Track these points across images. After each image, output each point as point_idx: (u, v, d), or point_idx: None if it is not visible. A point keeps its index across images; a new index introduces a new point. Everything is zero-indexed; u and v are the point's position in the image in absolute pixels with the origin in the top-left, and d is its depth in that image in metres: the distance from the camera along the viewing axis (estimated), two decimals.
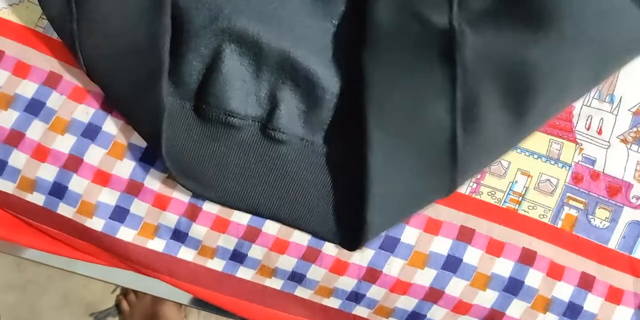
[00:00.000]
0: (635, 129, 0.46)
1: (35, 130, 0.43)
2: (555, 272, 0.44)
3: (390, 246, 0.43)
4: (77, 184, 0.43)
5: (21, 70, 0.43)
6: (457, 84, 0.39)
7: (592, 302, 0.44)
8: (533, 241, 0.44)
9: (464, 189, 0.45)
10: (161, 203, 0.43)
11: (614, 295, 0.44)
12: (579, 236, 0.45)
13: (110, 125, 0.43)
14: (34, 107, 0.43)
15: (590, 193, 0.45)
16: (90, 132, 0.43)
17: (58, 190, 0.43)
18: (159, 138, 0.39)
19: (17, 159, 0.43)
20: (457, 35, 0.39)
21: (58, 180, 0.43)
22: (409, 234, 0.44)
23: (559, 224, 0.45)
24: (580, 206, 0.45)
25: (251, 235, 0.43)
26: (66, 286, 1.09)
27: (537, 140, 0.46)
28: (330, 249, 0.43)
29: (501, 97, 0.40)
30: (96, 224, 0.43)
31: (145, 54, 0.40)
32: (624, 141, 0.46)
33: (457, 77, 0.39)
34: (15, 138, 0.43)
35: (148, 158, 0.43)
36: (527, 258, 0.44)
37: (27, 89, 0.43)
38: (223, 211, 0.43)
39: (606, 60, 0.41)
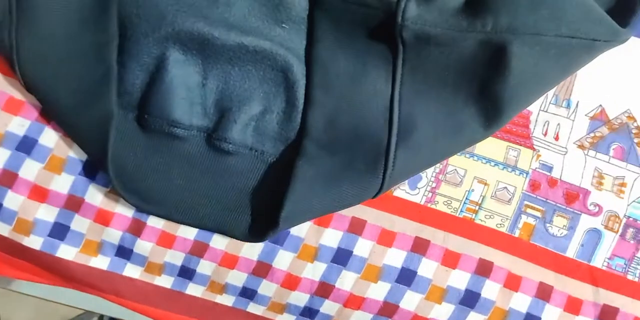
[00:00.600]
0: (592, 135, 0.45)
1: None
2: (513, 283, 0.43)
3: (343, 259, 0.42)
4: (13, 200, 0.41)
5: None
6: (398, 55, 0.39)
7: (550, 313, 0.43)
8: (490, 251, 0.43)
9: (419, 198, 0.44)
10: (103, 218, 0.41)
11: (573, 306, 0.43)
12: (537, 245, 0.44)
13: (47, 138, 0.41)
14: None
15: (548, 201, 0.44)
16: (26, 146, 0.41)
17: None
18: (105, 149, 0.37)
19: None
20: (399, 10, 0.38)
21: None
22: (362, 246, 0.42)
23: (517, 233, 0.44)
24: (538, 214, 0.44)
25: (199, 250, 0.42)
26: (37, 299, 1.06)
27: (494, 147, 0.44)
28: (281, 264, 0.42)
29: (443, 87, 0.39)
30: (34, 242, 0.41)
31: (91, 62, 0.38)
32: (581, 147, 0.45)
33: (399, 49, 0.39)
34: None
35: (88, 172, 0.41)
36: (484, 269, 0.43)
37: None
38: (169, 226, 0.42)
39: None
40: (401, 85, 0.39)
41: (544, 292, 0.43)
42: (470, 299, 0.42)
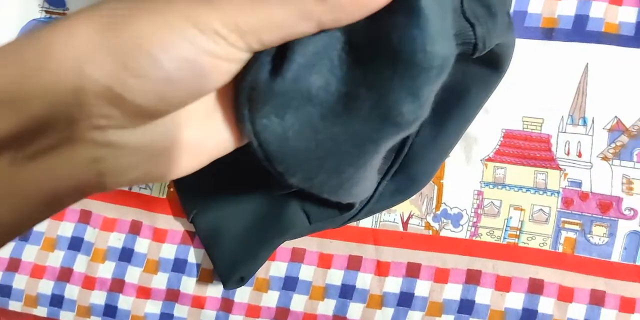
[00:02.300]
0: (613, 145, 0.48)
1: None
2: (565, 295, 0.47)
3: (407, 301, 0.48)
4: (124, 302, 0.49)
5: None
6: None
7: (607, 316, 0.47)
8: (539, 270, 0.48)
9: (464, 234, 0.49)
10: (198, 303, 0.49)
11: (627, 305, 0.47)
12: (582, 256, 0.48)
13: (140, 246, 0.49)
14: None
15: (583, 213, 0.48)
16: (125, 255, 0.49)
17: None
18: None
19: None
20: None
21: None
22: (421, 287, 0.48)
23: (560, 249, 0.48)
24: (577, 228, 0.48)
25: (281, 314, 0.49)
26: None
27: (523, 175, 0.49)
28: (353, 314, 0.48)
29: None
30: None
31: None
32: (605, 158, 0.48)
33: None
34: None
35: (179, 268, 0.49)
36: (536, 287, 0.48)
37: None
38: (253, 298, 0.49)
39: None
40: None
41: (597, 298, 0.47)
42: (528, 316, 0.47)
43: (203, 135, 0.24)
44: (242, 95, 0.22)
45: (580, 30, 0.49)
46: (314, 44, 0.22)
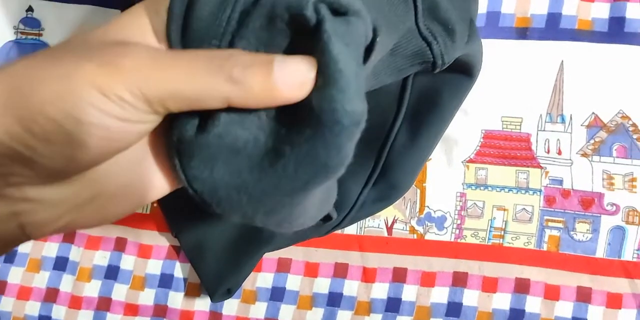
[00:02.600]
0: (592, 141, 0.48)
1: None
2: (552, 293, 0.48)
3: (395, 307, 0.48)
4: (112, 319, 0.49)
5: None
6: None
7: (594, 313, 0.47)
8: (524, 269, 0.48)
9: (448, 236, 0.49)
10: (187, 317, 0.49)
11: (614, 301, 0.47)
12: (566, 253, 0.48)
13: (126, 263, 0.49)
14: None
15: (566, 211, 0.48)
16: (111, 273, 0.49)
17: None
18: None
19: None
20: None
21: None
22: (408, 292, 0.48)
23: (545, 247, 0.48)
24: (560, 225, 0.48)
25: None
26: None
27: (504, 174, 0.49)
28: None
29: None
30: None
31: None
32: (585, 155, 0.48)
33: None
34: None
35: (165, 283, 0.49)
36: (522, 287, 0.48)
37: None
38: (242, 311, 0.49)
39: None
40: None
41: (583, 295, 0.48)
42: (516, 316, 0.48)
43: (134, 182, 0.24)
44: (171, 147, 0.23)
45: (553, 28, 0.49)
46: None
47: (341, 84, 0.20)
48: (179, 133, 0.23)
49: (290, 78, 0.21)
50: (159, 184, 0.25)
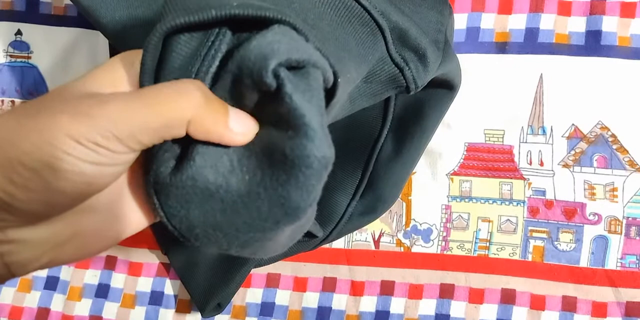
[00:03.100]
0: (573, 152, 0.49)
1: None
2: (538, 303, 0.48)
3: (383, 319, 0.49)
4: None
5: None
6: None
7: None
8: (510, 280, 0.49)
9: (435, 249, 0.49)
10: None
11: (599, 310, 0.48)
12: (551, 264, 0.49)
13: (116, 281, 0.50)
14: None
15: (550, 221, 0.49)
16: (102, 291, 0.50)
17: None
18: None
19: None
20: None
21: None
22: (396, 304, 0.49)
23: (530, 258, 0.49)
24: (544, 235, 0.49)
25: None
26: None
27: (488, 186, 0.49)
28: None
29: None
30: None
31: None
32: (566, 166, 0.49)
33: None
34: None
35: (155, 301, 0.49)
36: (508, 297, 0.48)
37: None
38: None
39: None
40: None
41: (569, 305, 0.48)
42: None
43: (112, 219, 0.25)
44: (148, 187, 0.25)
45: (532, 42, 0.50)
46: (216, 146, 0.24)
47: (310, 135, 0.23)
48: (155, 174, 0.24)
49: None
50: (137, 219, 0.27)
